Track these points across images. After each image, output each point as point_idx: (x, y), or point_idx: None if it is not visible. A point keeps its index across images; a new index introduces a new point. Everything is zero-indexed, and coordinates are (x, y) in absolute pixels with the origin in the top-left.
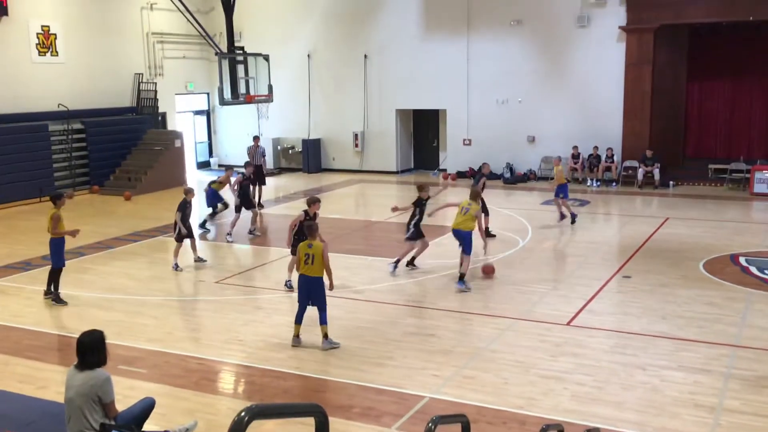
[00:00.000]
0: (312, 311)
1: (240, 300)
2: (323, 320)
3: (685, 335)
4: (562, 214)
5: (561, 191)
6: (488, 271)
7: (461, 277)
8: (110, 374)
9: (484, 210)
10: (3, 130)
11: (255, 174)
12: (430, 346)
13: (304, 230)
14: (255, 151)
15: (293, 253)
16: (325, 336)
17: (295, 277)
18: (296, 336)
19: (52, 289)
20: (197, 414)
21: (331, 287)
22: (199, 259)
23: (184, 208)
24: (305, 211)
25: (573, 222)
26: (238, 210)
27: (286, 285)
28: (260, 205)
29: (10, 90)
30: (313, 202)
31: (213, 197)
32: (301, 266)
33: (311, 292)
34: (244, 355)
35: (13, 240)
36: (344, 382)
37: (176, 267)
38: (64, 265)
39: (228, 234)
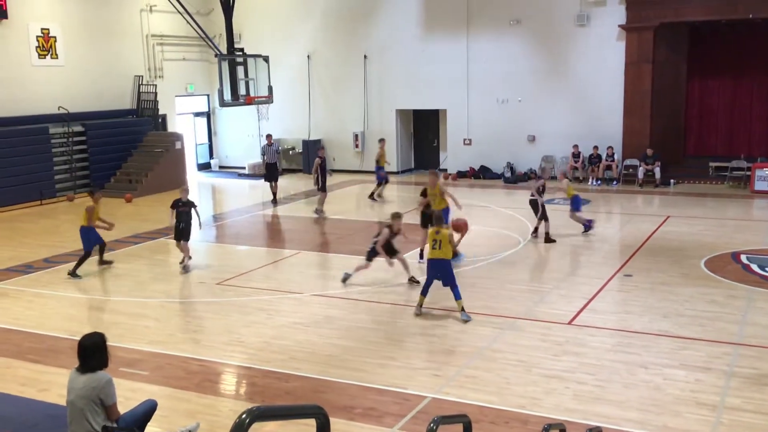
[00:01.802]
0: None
1: (241, 301)
2: (457, 296)
3: (686, 333)
4: (586, 225)
5: (573, 204)
6: (460, 227)
7: (462, 309)
8: (112, 377)
9: (544, 216)
10: (3, 133)
11: (268, 171)
12: (431, 346)
13: (392, 246)
14: (268, 149)
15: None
16: (462, 309)
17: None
18: (420, 305)
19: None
20: (199, 416)
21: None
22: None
23: (176, 206)
24: (389, 227)
25: (587, 230)
26: (323, 189)
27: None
28: (275, 202)
29: (11, 93)
30: (398, 217)
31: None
32: (429, 251)
33: (439, 272)
34: (246, 357)
35: (15, 243)
36: (346, 383)
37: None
38: (92, 249)
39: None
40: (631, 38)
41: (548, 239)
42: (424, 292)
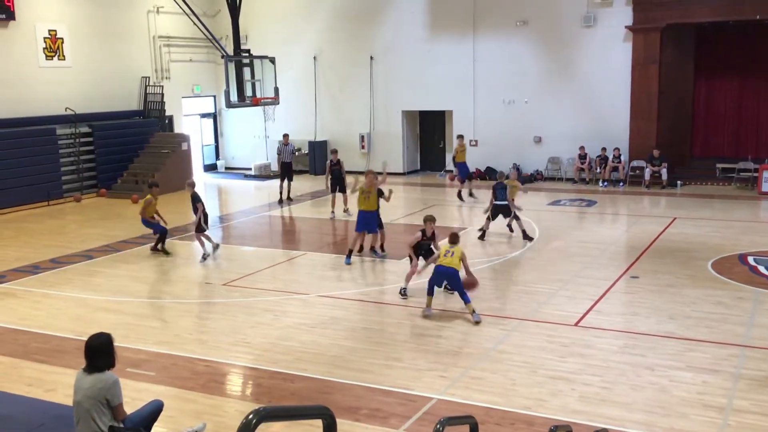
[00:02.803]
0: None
1: (247, 302)
2: (466, 300)
3: (693, 335)
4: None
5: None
6: (470, 286)
7: (472, 311)
8: (118, 377)
9: (516, 216)
10: (11, 134)
11: (284, 170)
12: (437, 347)
13: (422, 248)
14: (284, 148)
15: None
16: (473, 312)
17: (412, 285)
18: (428, 306)
19: (159, 247)
20: (205, 416)
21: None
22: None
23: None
24: (422, 231)
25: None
26: (333, 191)
27: (401, 293)
28: (290, 200)
29: (18, 94)
30: (430, 220)
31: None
32: (441, 258)
33: (447, 279)
34: (252, 358)
35: (22, 243)
36: (351, 384)
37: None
38: (165, 230)
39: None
40: (637, 39)
41: (526, 236)
42: (430, 292)
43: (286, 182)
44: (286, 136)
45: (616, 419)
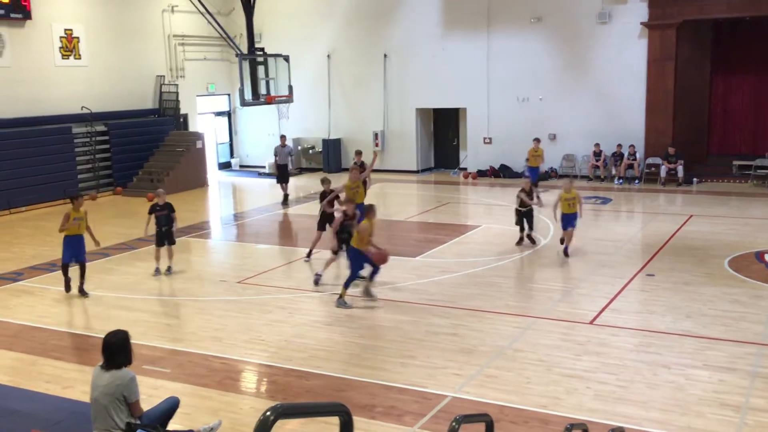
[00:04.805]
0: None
1: (262, 300)
2: (346, 285)
3: (709, 333)
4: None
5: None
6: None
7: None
8: (135, 374)
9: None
10: (27, 132)
11: (280, 173)
12: (452, 345)
13: (347, 229)
14: (281, 150)
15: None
16: (341, 296)
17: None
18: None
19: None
20: (221, 413)
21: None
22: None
23: (153, 211)
24: (344, 212)
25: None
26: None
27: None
28: (285, 204)
29: (34, 93)
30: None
31: None
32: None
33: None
34: (267, 355)
35: (39, 241)
36: (366, 382)
37: (158, 272)
38: (67, 261)
39: None
40: (653, 36)
41: (531, 239)
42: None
43: (283, 184)
44: (283, 137)
45: (633, 418)
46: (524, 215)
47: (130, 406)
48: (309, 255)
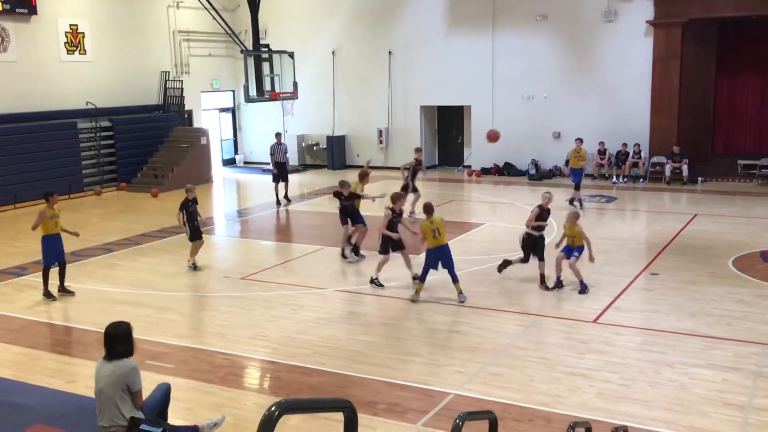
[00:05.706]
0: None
1: (265, 296)
2: (456, 279)
3: (713, 333)
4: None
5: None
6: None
7: (459, 291)
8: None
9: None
10: (32, 128)
11: (279, 171)
12: (455, 342)
13: (394, 226)
14: (278, 148)
15: (382, 252)
16: (460, 292)
17: (383, 275)
18: (417, 292)
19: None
20: (224, 409)
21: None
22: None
23: (186, 207)
24: (391, 209)
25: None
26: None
27: (374, 282)
28: (287, 200)
29: (39, 88)
30: (399, 198)
31: None
32: (430, 240)
33: (441, 258)
34: (270, 351)
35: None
36: (369, 378)
37: (193, 266)
38: (50, 263)
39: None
40: (659, 34)
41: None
42: (422, 279)
43: (281, 183)
44: (278, 135)
45: (636, 416)
46: (536, 241)
47: (132, 396)
48: (344, 254)
